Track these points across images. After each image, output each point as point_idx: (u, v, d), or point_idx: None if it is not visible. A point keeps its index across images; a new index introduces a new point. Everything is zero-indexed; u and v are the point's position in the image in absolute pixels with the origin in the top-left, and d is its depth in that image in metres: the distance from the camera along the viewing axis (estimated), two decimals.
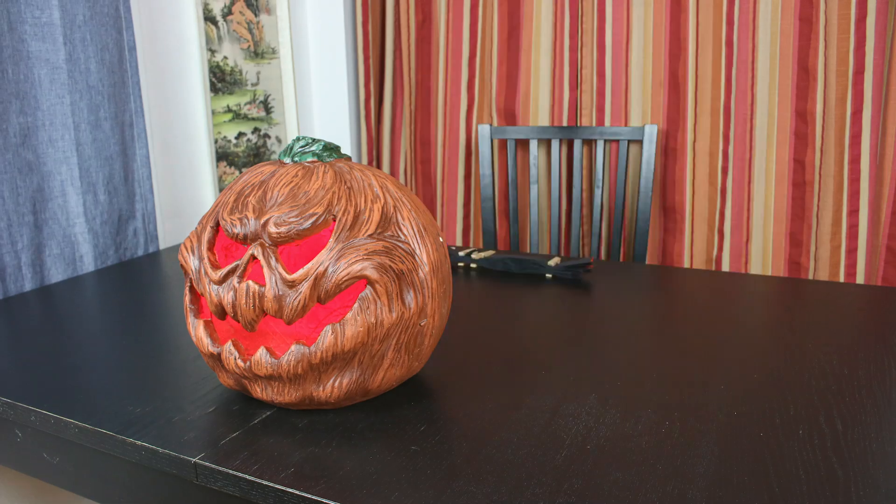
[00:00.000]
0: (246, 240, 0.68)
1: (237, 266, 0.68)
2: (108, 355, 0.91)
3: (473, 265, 1.28)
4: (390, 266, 0.68)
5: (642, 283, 1.16)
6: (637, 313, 1.02)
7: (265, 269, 0.66)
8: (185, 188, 1.60)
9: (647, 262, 1.72)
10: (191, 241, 0.72)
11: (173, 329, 1.00)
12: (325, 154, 0.75)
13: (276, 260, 0.67)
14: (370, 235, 0.68)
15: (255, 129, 1.77)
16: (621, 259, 1.83)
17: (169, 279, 1.27)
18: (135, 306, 1.12)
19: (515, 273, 1.23)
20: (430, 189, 2.00)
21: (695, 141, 1.67)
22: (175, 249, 1.45)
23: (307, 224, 0.66)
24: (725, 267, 1.69)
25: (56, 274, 1.33)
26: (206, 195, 1.64)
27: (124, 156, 1.44)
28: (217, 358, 0.71)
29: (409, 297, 0.70)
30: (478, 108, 1.86)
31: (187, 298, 0.74)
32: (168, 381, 0.84)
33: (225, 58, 1.66)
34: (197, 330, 0.72)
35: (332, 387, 0.70)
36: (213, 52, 1.62)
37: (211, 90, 1.61)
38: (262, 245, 0.67)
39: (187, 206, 1.60)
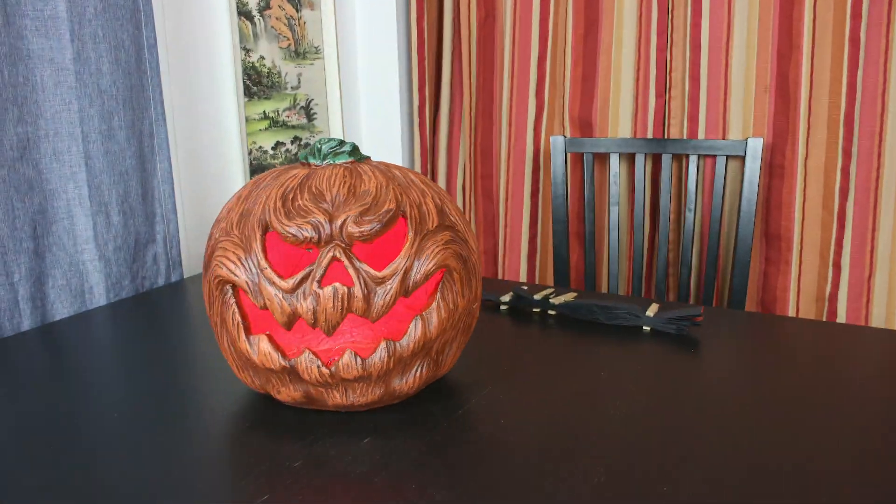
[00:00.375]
0: (319, 243, 0.69)
1: (312, 271, 0.69)
2: (130, 420, 0.77)
3: (552, 311, 1.05)
4: (460, 253, 0.74)
5: (761, 341, 0.94)
6: (760, 386, 0.80)
7: (350, 270, 0.69)
8: (214, 206, 1.47)
9: (746, 297, 1.49)
10: (234, 253, 0.71)
11: (208, 370, 0.90)
12: (356, 154, 0.79)
13: (359, 260, 0.69)
14: (437, 227, 0.73)
15: (296, 139, 1.64)
16: (715, 296, 1.60)
17: (196, 311, 1.14)
18: (159, 345, 1.00)
19: (604, 324, 1.01)
20: (491, 208, 1.83)
21: (807, 157, 1.46)
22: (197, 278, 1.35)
23: (385, 221, 0.69)
24: (841, 306, 1.46)
25: (61, 309, 1.18)
26: None
27: (142, 170, 1.27)
28: (290, 371, 0.72)
29: (473, 281, 0.76)
30: (548, 117, 1.72)
31: (231, 316, 0.73)
32: (210, 456, 0.68)
33: (261, 58, 1.54)
34: (260, 346, 0.72)
35: (414, 377, 0.74)
36: (247, 51, 1.50)
37: (245, 94, 1.48)
38: (338, 246, 0.69)
39: (212, 221, 1.42)
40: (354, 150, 0.79)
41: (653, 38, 1.59)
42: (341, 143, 0.79)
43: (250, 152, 1.53)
